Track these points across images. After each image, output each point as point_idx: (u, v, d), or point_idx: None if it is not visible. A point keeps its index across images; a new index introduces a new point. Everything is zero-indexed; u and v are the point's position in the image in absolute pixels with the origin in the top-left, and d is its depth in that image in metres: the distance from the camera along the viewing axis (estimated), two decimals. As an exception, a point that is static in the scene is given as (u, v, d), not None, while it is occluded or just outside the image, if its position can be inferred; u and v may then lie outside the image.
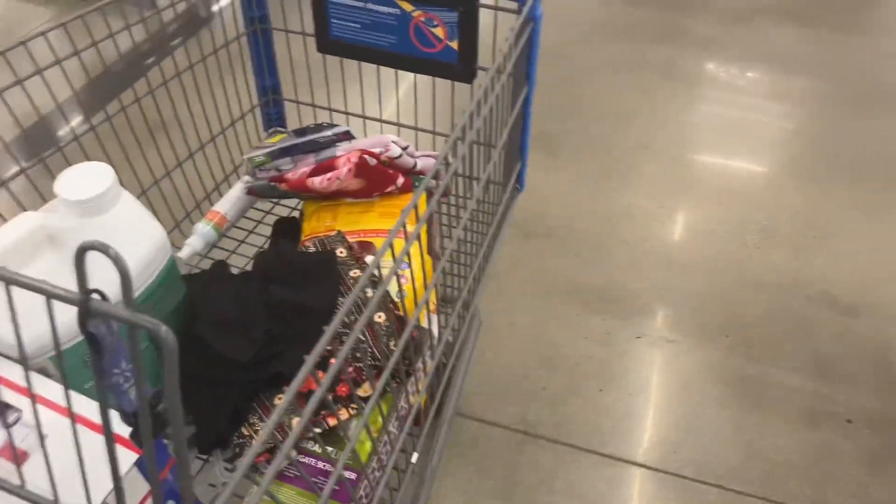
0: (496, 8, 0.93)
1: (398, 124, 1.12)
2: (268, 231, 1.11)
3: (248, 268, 1.06)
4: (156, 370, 0.79)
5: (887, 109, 2.00)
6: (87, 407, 0.65)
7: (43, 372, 0.70)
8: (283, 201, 1.14)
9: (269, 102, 1.17)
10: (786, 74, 2.13)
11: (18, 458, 0.61)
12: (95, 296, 0.41)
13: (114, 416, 0.64)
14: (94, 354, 0.44)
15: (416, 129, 1.11)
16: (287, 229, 1.00)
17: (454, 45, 0.98)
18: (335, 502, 0.72)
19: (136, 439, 0.62)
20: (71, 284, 0.63)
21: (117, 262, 0.39)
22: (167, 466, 0.67)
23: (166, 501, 0.68)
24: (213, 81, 1.04)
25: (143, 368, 0.42)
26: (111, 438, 0.45)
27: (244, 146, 1.15)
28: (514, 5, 0.92)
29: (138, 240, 0.75)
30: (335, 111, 1.15)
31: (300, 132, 1.01)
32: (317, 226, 0.96)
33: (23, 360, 0.61)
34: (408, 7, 0.97)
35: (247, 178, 1.06)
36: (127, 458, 0.61)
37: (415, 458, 0.82)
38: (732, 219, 1.64)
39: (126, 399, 0.52)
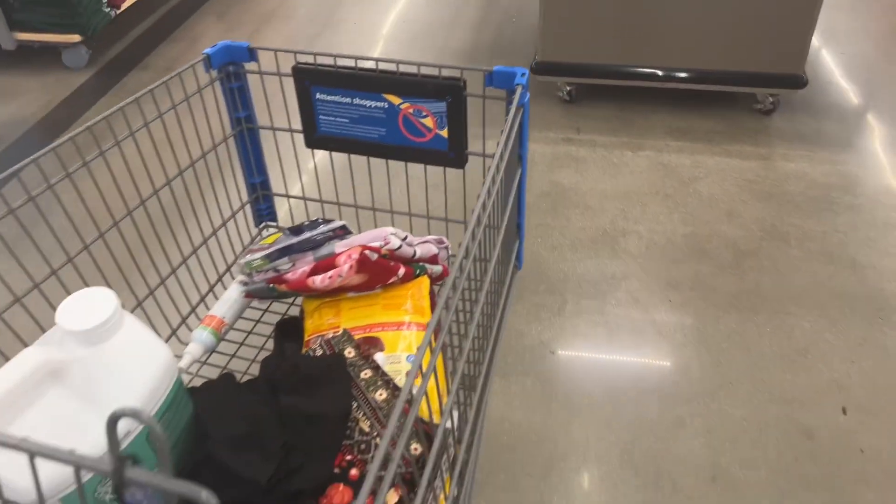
0: (484, 97, 0.94)
1: (392, 211, 1.12)
2: (266, 330, 1.09)
3: (251, 370, 1.04)
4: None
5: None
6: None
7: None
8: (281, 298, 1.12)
9: (258, 199, 1.16)
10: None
11: None
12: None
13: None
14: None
15: (409, 214, 1.11)
16: (289, 329, 0.98)
17: (444, 133, 0.99)
18: None
19: None
20: (79, 419, 0.61)
21: (153, 430, 0.38)
22: None
23: None
24: (202, 184, 1.03)
25: (183, 532, 0.40)
26: None
27: (236, 245, 1.14)
28: (502, 93, 0.94)
29: (145, 363, 0.72)
30: (326, 202, 1.14)
31: (295, 230, 1.00)
32: (319, 323, 0.94)
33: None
34: (395, 100, 0.98)
35: (242, 277, 1.05)
36: None
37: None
38: None
39: None
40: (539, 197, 1.71)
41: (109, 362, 0.70)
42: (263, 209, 1.18)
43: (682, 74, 1.94)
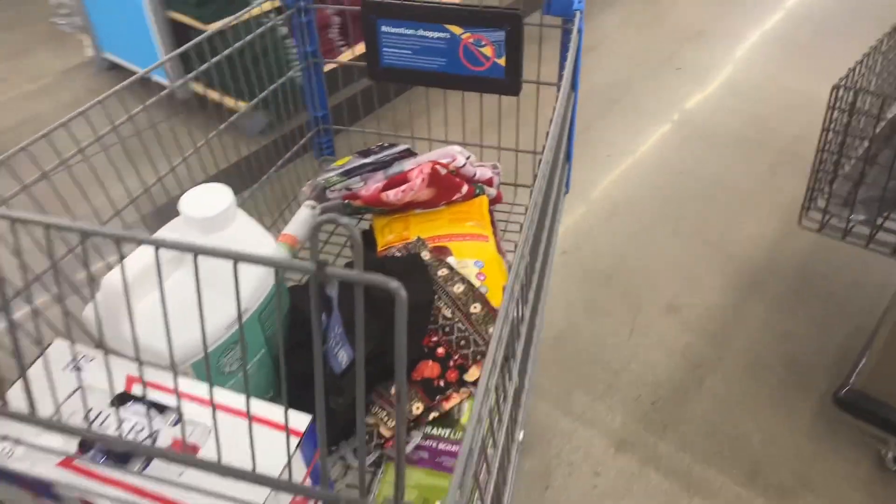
0: (542, 25, 1.02)
1: (447, 141, 1.20)
2: (333, 250, 1.18)
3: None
4: (266, 372, 0.85)
5: None
6: (242, 401, 0.70)
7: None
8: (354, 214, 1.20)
9: (319, 132, 1.24)
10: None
11: (190, 451, 0.66)
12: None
13: (263, 408, 0.70)
14: (324, 316, 0.50)
15: (463, 143, 1.19)
16: (364, 240, 1.06)
17: (501, 61, 1.07)
18: (463, 476, 0.77)
19: (338, 397, 0.67)
20: (193, 300, 0.69)
21: (348, 228, 0.46)
22: (315, 455, 0.72)
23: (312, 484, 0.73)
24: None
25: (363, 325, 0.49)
26: (321, 394, 0.51)
27: (300, 176, 1.22)
28: (558, 21, 1.02)
29: (257, 251, 0.81)
30: (384, 135, 1.22)
31: (363, 153, 1.09)
32: (391, 237, 1.03)
33: (173, 366, 0.66)
34: (457, 30, 1.06)
35: (309, 202, 1.13)
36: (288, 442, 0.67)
37: (521, 435, 0.88)
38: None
39: (336, 361, 0.58)
40: None
41: (230, 247, 0.78)
42: (324, 142, 1.26)
43: None
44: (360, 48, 2.06)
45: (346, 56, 1.87)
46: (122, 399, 0.71)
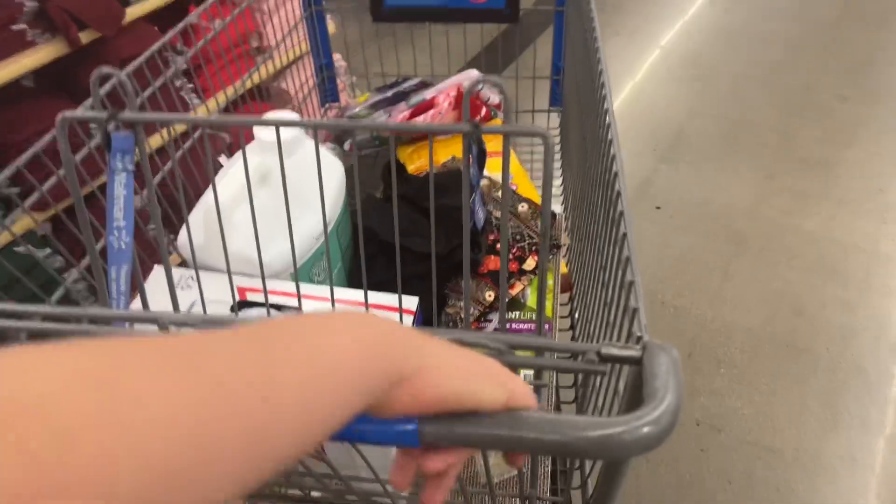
0: (538, -48, 1.11)
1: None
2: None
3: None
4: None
5: None
6: (351, 294, 0.78)
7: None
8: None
9: (323, 80, 1.30)
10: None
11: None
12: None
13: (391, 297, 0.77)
14: (474, 170, 0.58)
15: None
16: (396, 167, 1.14)
17: (501, -9, 1.15)
18: (541, 346, 0.87)
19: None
20: (279, 215, 0.75)
21: (499, 86, 0.54)
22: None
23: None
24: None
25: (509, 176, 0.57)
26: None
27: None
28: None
29: (329, 173, 0.87)
30: (387, 76, 1.29)
31: (382, 89, 1.15)
32: (420, 161, 1.10)
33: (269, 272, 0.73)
34: (459, -35, 1.13)
35: (329, 143, 1.19)
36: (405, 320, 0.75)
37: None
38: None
39: (476, 217, 0.66)
40: None
41: (303, 169, 0.84)
42: (328, 90, 1.31)
43: None
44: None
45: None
46: (241, 306, 0.77)
